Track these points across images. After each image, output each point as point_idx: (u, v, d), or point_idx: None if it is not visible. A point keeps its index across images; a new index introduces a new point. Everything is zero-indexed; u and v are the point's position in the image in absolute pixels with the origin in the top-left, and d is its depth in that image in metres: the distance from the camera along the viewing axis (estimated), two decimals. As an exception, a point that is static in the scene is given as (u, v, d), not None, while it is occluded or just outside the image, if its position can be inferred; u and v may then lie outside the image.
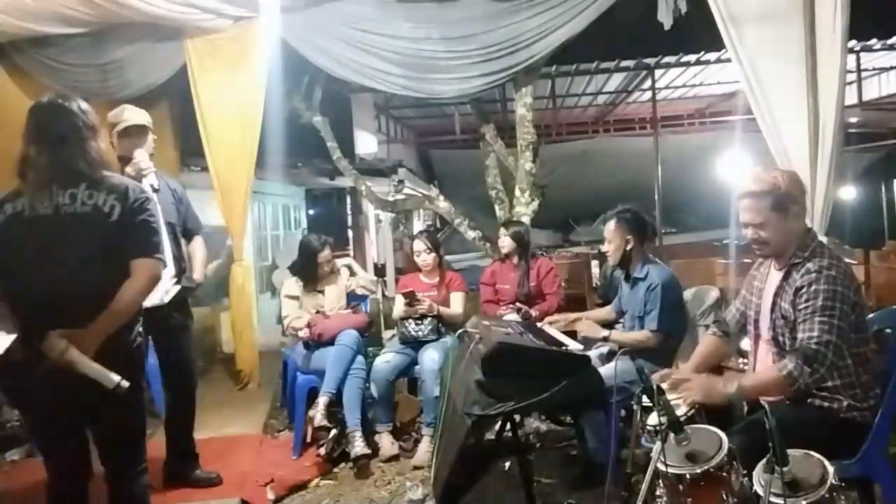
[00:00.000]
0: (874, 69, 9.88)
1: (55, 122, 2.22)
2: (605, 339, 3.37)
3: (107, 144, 2.36)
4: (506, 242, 4.30)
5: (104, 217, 2.17)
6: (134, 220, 2.21)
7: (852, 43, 7.73)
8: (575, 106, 11.48)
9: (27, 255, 2.18)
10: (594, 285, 6.80)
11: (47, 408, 2.21)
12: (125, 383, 2.10)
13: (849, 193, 11.85)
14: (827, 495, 1.66)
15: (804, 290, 2.20)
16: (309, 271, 4.20)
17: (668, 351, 3.31)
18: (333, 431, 3.81)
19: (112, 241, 2.18)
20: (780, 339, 2.29)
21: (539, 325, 3.55)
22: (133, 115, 3.29)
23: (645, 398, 1.97)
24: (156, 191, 3.08)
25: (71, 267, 2.15)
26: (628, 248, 3.38)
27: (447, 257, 5.45)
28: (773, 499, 1.64)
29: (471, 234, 6.05)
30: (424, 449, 3.79)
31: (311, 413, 3.79)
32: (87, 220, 2.16)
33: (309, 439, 4.03)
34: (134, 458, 2.37)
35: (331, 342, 3.94)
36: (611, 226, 3.43)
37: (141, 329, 2.33)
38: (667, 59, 8.48)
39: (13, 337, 2.06)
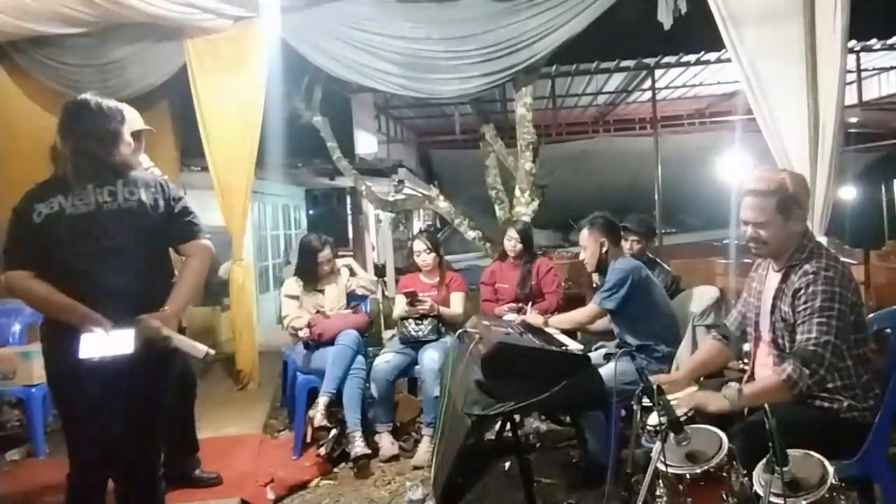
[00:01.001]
0: (874, 69, 9.89)
1: (89, 122, 2.28)
2: (545, 324, 3.43)
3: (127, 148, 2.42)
4: (515, 242, 4.29)
5: (151, 210, 2.30)
6: (176, 208, 2.36)
7: (852, 43, 7.74)
8: (575, 106, 11.49)
9: (77, 253, 2.23)
10: (594, 285, 6.80)
11: (92, 403, 2.24)
12: (211, 352, 2.34)
13: (849, 193, 11.86)
14: (827, 495, 1.66)
15: (802, 291, 2.19)
16: (309, 271, 4.20)
17: (663, 344, 3.31)
18: (333, 431, 3.80)
19: (161, 231, 2.34)
20: (780, 341, 2.29)
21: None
22: (135, 119, 3.29)
23: (645, 398, 1.97)
24: None
25: (128, 259, 2.26)
26: (604, 250, 3.41)
27: (447, 257, 5.45)
28: (773, 499, 1.64)
29: (471, 234, 6.05)
30: (424, 449, 3.79)
31: (311, 413, 3.79)
32: (134, 216, 2.27)
33: (309, 439, 4.03)
34: (154, 452, 2.44)
35: (331, 342, 3.94)
36: (584, 233, 3.46)
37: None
38: (667, 59, 8.49)
39: (131, 332, 2.15)
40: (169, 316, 2.25)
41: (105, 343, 2.13)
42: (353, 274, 4.45)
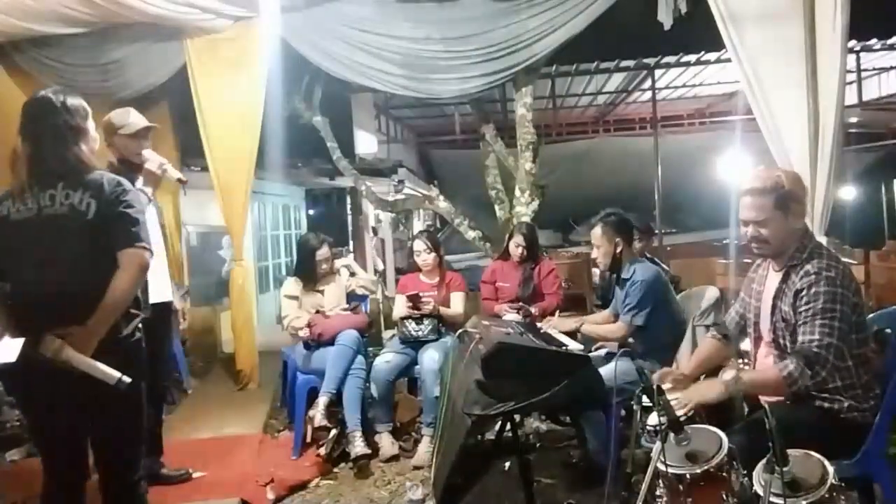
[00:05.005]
0: (874, 69, 9.89)
1: (36, 119, 2.21)
2: (578, 331, 3.41)
3: (91, 146, 2.30)
4: (522, 249, 4.27)
5: (81, 216, 2.16)
6: (111, 213, 2.18)
7: (852, 43, 7.73)
8: (575, 106, 11.49)
9: (17, 258, 2.19)
10: (594, 285, 6.80)
11: (48, 408, 2.20)
12: (126, 379, 2.09)
13: (849, 193, 11.84)
14: (827, 495, 1.66)
15: (804, 292, 2.19)
16: (308, 270, 4.20)
17: (664, 350, 3.30)
18: (333, 431, 3.81)
19: (94, 238, 2.17)
20: (781, 341, 2.29)
21: (539, 325, 3.56)
22: (139, 118, 3.34)
23: (645, 398, 1.97)
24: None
25: (59, 268, 2.17)
26: (618, 251, 3.37)
27: (447, 257, 5.45)
28: (773, 499, 1.64)
29: (471, 234, 6.05)
30: (424, 449, 3.79)
31: (311, 413, 3.79)
32: (65, 221, 2.16)
33: (309, 439, 4.03)
34: (133, 463, 2.34)
35: (331, 342, 3.94)
36: (597, 231, 3.40)
37: (140, 325, 2.32)
38: (667, 59, 8.48)
39: (21, 341, 2.07)
40: (85, 334, 2.08)
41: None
42: (352, 274, 4.46)
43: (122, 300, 2.18)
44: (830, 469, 1.71)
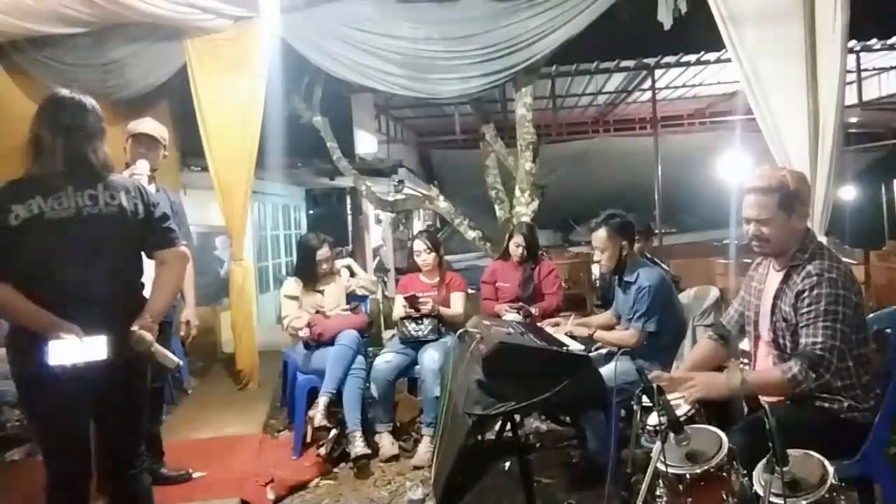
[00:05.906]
0: (874, 69, 9.90)
1: (74, 116, 2.23)
2: (591, 337, 3.41)
3: (107, 148, 2.36)
4: (522, 249, 4.26)
5: (131, 216, 2.26)
6: (154, 214, 2.33)
7: (852, 43, 7.75)
8: (575, 106, 11.51)
9: (55, 259, 2.16)
10: (594, 285, 6.81)
11: (58, 408, 2.20)
12: (181, 362, 2.39)
13: (849, 193, 11.85)
14: (827, 495, 1.66)
15: (806, 293, 2.18)
16: (308, 270, 4.20)
17: (665, 350, 3.31)
18: (333, 431, 3.81)
19: (138, 237, 2.31)
20: (781, 341, 2.28)
21: (539, 324, 3.56)
22: (147, 126, 3.41)
23: (645, 398, 1.97)
24: None
25: (109, 267, 2.22)
26: (623, 254, 3.37)
27: (447, 257, 5.45)
28: (773, 499, 1.64)
29: (471, 234, 6.05)
30: (424, 449, 3.79)
31: (311, 413, 3.79)
32: (116, 221, 2.23)
33: (309, 439, 4.03)
34: (138, 452, 2.39)
35: (331, 342, 3.94)
36: (601, 234, 3.37)
37: None
38: (667, 59, 8.50)
39: (102, 339, 2.11)
40: (152, 325, 2.24)
41: (77, 350, 2.08)
42: (352, 274, 4.46)
43: (174, 295, 2.46)
44: (830, 469, 1.71)
